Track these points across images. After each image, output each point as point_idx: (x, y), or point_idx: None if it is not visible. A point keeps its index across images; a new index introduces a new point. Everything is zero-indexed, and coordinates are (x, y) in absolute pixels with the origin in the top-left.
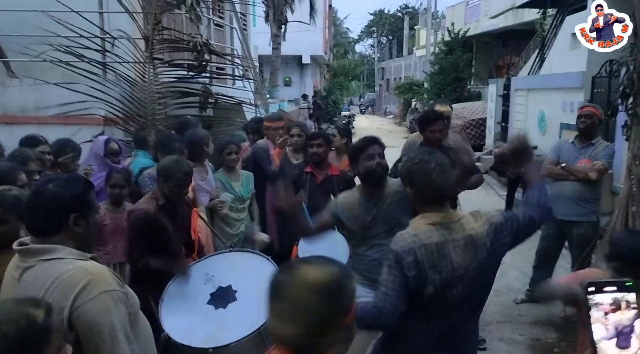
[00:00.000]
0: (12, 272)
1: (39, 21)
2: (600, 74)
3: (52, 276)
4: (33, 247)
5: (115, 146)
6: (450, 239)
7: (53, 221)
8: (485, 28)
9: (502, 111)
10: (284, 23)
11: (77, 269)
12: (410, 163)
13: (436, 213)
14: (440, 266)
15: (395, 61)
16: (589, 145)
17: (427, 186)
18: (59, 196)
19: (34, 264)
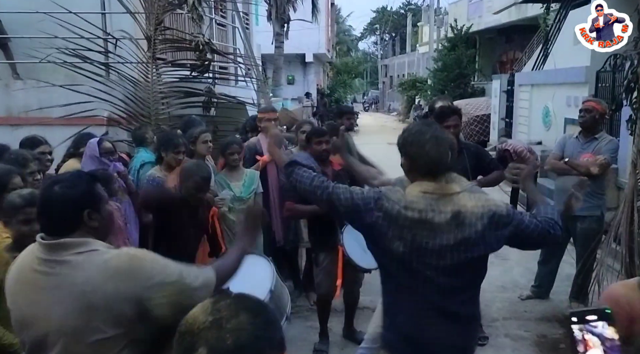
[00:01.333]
0: (34, 266)
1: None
2: (604, 69)
3: (98, 266)
4: (67, 241)
5: (108, 144)
6: (436, 209)
7: (68, 221)
8: (488, 24)
9: (506, 107)
10: (287, 22)
11: (120, 255)
12: (406, 133)
13: (429, 183)
14: (415, 230)
15: (398, 58)
16: (593, 139)
17: (420, 157)
18: (68, 196)
19: (69, 258)
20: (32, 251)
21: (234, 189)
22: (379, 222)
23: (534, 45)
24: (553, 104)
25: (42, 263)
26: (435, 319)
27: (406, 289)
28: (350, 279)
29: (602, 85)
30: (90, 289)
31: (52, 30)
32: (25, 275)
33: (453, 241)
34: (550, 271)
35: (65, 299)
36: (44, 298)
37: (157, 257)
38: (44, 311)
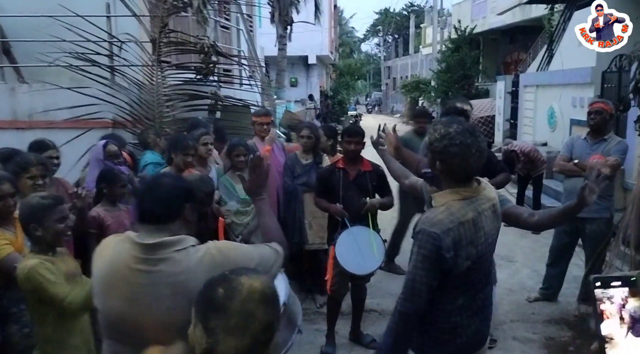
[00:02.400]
0: (132, 265)
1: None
2: (610, 69)
3: (196, 261)
4: (166, 240)
5: (114, 148)
6: (481, 211)
7: (174, 209)
8: (492, 25)
9: (510, 108)
10: (290, 24)
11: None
12: (448, 142)
13: (466, 188)
14: (476, 240)
15: (401, 60)
16: (602, 141)
17: (461, 168)
18: (177, 187)
19: (169, 255)
20: (125, 250)
21: (238, 191)
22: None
23: (538, 46)
24: (559, 105)
25: (141, 262)
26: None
27: (478, 290)
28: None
29: (608, 86)
30: (192, 284)
31: (58, 34)
32: (121, 273)
33: (495, 231)
34: (558, 273)
35: (169, 294)
36: (146, 295)
37: (237, 245)
38: (146, 307)
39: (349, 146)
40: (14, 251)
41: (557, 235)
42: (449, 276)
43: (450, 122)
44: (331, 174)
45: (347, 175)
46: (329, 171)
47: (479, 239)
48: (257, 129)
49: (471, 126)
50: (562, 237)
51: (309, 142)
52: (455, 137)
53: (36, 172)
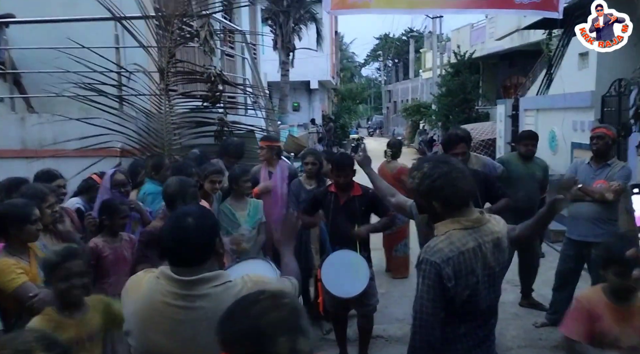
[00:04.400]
0: (169, 301)
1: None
2: (609, 93)
3: (235, 296)
4: (205, 277)
5: (121, 177)
6: (482, 241)
7: (206, 250)
8: (491, 49)
9: (511, 131)
10: (292, 50)
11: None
12: (429, 180)
13: (467, 217)
14: (477, 269)
15: (402, 84)
16: (605, 166)
17: (454, 195)
18: (205, 226)
19: (209, 292)
20: (161, 287)
21: (239, 219)
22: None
23: (537, 70)
24: (559, 129)
25: (179, 298)
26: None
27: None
28: (360, 302)
29: (608, 110)
30: None
31: (67, 65)
32: (159, 310)
33: (499, 265)
34: (565, 297)
35: (208, 329)
36: (187, 331)
37: (268, 278)
38: (186, 343)
39: (339, 179)
40: (28, 280)
41: (563, 259)
42: (450, 304)
43: (419, 165)
44: (324, 197)
45: (338, 199)
46: (322, 194)
47: (480, 269)
48: (264, 152)
49: (440, 156)
50: (568, 261)
51: (313, 169)
52: (432, 173)
53: (53, 200)
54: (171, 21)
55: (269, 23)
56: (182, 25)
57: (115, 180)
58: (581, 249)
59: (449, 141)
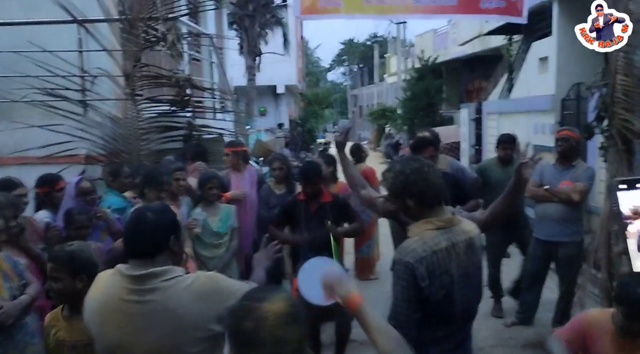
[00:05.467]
0: (123, 296)
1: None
2: (568, 97)
3: (185, 290)
4: (154, 271)
5: (86, 185)
6: (455, 241)
7: (159, 243)
8: (453, 55)
9: (475, 134)
10: (259, 54)
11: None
12: (403, 176)
13: (439, 217)
14: (451, 269)
15: (367, 88)
16: (570, 167)
17: (428, 189)
18: (161, 220)
19: (159, 285)
20: (115, 283)
21: (210, 224)
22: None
23: (498, 75)
24: (521, 132)
25: (131, 293)
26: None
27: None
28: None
29: (567, 113)
30: (182, 311)
31: (27, 70)
32: (113, 305)
33: (473, 265)
34: (534, 297)
35: (160, 322)
36: (138, 324)
37: (224, 277)
38: (139, 335)
39: (307, 189)
40: None
41: (531, 259)
42: (425, 305)
43: (391, 167)
44: (294, 206)
45: (309, 207)
46: (292, 203)
47: (454, 269)
48: (225, 159)
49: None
50: (536, 261)
51: (281, 174)
52: (404, 170)
53: (8, 214)
54: (136, 24)
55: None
56: (147, 28)
57: (81, 188)
58: (549, 249)
59: (418, 145)
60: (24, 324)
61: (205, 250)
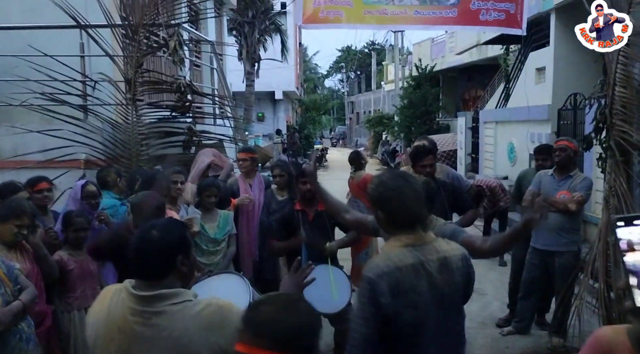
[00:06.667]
0: (127, 317)
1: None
2: (565, 107)
3: (192, 317)
4: (161, 293)
5: (92, 188)
6: (425, 260)
7: (165, 265)
8: (451, 63)
9: (472, 143)
10: (257, 61)
11: (210, 306)
12: (381, 188)
13: (408, 235)
14: (419, 288)
15: (364, 95)
16: (568, 177)
17: (400, 212)
18: (166, 240)
19: (164, 309)
20: (121, 300)
21: (208, 231)
22: (391, 306)
23: (495, 84)
24: (517, 141)
25: (136, 314)
26: None
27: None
28: (339, 317)
29: (563, 123)
30: (187, 340)
31: (29, 74)
32: (116, 324)
33: (447, 288)
34: (530, 305)
35: (162, 348)
36: (139, 347)
37: (237, 309)
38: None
39: (304, 186)
40: None
41: (528, 268)
42: (391, 326)
43: (380, 174)
44: (292, 217)
45: (306, 216)
46: (289, 215)
47: (424, 288)
48: (238, 165)
49: (404, 172)
50: (533, 270)
51: (282, 180)
52: (388, 182)
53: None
54: (138, 30)
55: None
56: (149, 34)
57: (87, 191)
58: (545, 258)
59: (417, 153)
60: (19, 330)
61: (202, 257)
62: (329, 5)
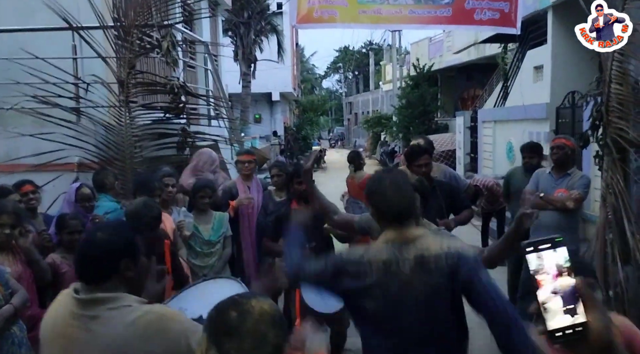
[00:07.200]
0: (68, 320)
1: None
2: (563, 105)
3: (127, 324)
4: (98, 297)
5: (86, 191)
6: (400, 257)
7: (105, 268)
8: (449, 63)
9: (470, 142)
10: (254, 62)
11: (149, 313)
12: (371, 182)
13: (393, 231)
14: (386, 283)
15: (362, 96)
16: (565, 175)
17: (382, 204)
18: (109, 243)
19: (101, 314)
20: (66, 304)
21: (202, 233)
22: (350, 287)
23: (493, 83)
24: (516, 140)
25: (76, 318)
26: None
27: (384, 343)
28: (336, 319)
29: (562, 121)
30: (119, 347)
31: (20, 77)
32: (60, 328)
33: (421, 287)
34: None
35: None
36: (78, 353)
37: (182, 317)
38: None
39: (300, 186)
40: None
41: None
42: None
43: (378, 171)
44: (288, 216)
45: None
46: (285, 213)
47: (392, 285)
48: (239, 167)
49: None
50: None
51: (279, 180)
52: (376, 177)
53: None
54: (130, 31)
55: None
56: (142, 35)
57: (81, 194)
58: None
59: (413, 153)
60: (11, 334)
61: (196, 259)
62: (323, 5)
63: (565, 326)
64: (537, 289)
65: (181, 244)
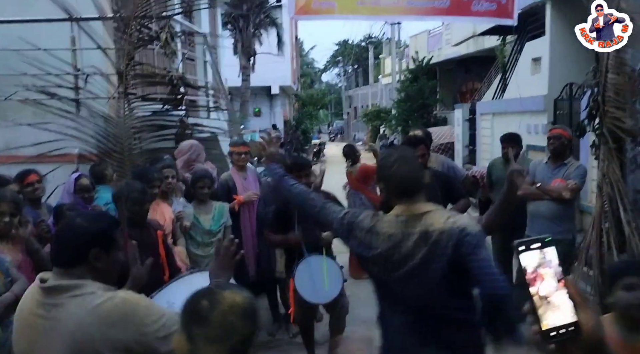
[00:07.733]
0: (33, 309)
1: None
2: (561, 97)
3: (89, 311)
4: (61, 284)
5: (85, 182)
6: (405, 231)
7: (74, 253)
8: (447, 56)
9: (469, 135)
10: (253, 55)
11: (113, 299)
12: (380, 159)
13: (402, 205)
14: (387, 255)
15: (362, 89)
16: (562, 165)
17: (390, 178)
18: (83, 229)
19: (63, 302)
20: (33, 294)
21: (203, 223)
22: (357, 251)
23: (492, 76)
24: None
25: (40, 306)
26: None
27: (390, 308)
28: (335, 306)
29: (560, 113)
30: (80, 335)
31: (19, 67)
32: (26, 317)
33: (423, 261)
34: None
35: (58, 343)
36: (41, 342)
37: (150, 303)
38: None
39: (299, 179)
40: None
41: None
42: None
43: (387, 150)
44: (287, 208)
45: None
46: (284, 205)
47: (391, 256)
48: (235, 158)
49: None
50: None
51: None
52: (386, 154)
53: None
54: (130, 23)
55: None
56: (141, 27)
57: (80, 185)
58: None
59: (409, 143)
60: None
61: (197, 249)
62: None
63: (559, 325)
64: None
65: (180, 234)
